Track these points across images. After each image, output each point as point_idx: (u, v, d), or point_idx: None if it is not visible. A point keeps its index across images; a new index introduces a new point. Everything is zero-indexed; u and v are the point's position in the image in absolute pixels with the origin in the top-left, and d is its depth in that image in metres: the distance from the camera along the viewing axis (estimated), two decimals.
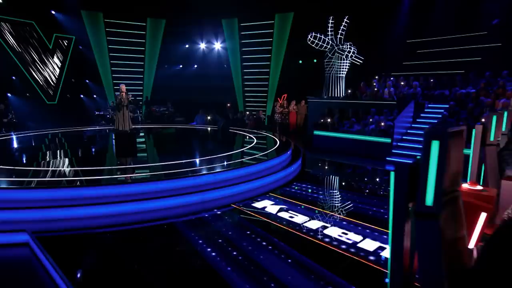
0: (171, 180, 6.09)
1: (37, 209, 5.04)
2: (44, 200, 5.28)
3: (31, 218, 5.00)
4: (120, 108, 9.84)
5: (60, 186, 5.44)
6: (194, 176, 6.32)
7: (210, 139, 11.77)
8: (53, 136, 11.89)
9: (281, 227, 4.97)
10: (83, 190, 5.51)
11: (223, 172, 6.70)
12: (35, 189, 5.35)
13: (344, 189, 7.07)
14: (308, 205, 5.97)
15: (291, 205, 5.93)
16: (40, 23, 15.56)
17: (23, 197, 5.30)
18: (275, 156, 8.09)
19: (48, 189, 5.39)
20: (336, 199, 6.38)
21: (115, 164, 7.76)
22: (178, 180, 6.13)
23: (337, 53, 13.80)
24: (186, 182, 6.19)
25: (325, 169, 9.65)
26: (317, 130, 12.68)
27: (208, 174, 6.47)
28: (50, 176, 6.19)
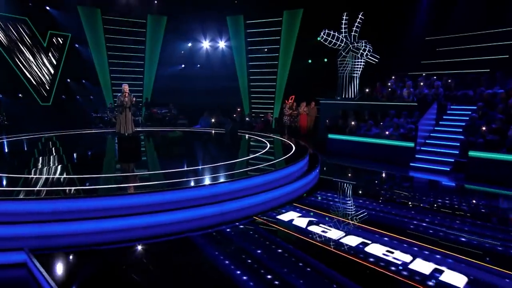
0: (185, 189, 5.62)
1: (35, 223, 4.56)
2: (43, 213, 4.81)
3: (29, 234, 4.52)
4: (123, 110, 9.40)
5: (61, 197, 4.96)
6: (211, 185, 5.86)
7: (219, 143, 11.32)
8: (47, 140, 11.41)
9: (315, 243, 4.51)
10: (87, 201, 5.03)
11: (241, 180, 6.24)
12: (32, 201, 4.87)
13: (375, 199, 6.62)
14: (339, 217, 5.52)
15: (320, 217, 5.48)
16: (34, 20, 15.18)
17: (18, 210, 4.82)
18: (294, 162, 7.64)
19: (47, 200, 4.91)
20: (369, 210, 5.93)
21: (120, 172, 7.29)
22: (193, 189, 5.67)
23: (351, 52, 13.43)
24: (201, 191, 5.73)
25: (347, 175, 9.19)
26: (331, 133, 12.26)
27: (226, 182, 6.01)
28: (47, 186, 5.72)
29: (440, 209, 6.08)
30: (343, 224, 5.23)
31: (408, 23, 13.38)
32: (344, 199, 6.58)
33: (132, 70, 17.65)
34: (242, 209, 5.83)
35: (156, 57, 17.98)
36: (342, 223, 5.27)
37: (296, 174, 7.61)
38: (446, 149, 9.62)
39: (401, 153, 10.07)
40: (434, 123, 10.84)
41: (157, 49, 17.94)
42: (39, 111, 15.34)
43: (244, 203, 5.90)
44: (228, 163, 7.75)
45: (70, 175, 6.52)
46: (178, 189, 5.60)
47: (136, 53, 17.69)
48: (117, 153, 8.46)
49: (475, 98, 10.83)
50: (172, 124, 15.92)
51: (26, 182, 5.87)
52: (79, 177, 6.37)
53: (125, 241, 4.64)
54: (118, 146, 8.54)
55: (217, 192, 5.88)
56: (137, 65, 17.83)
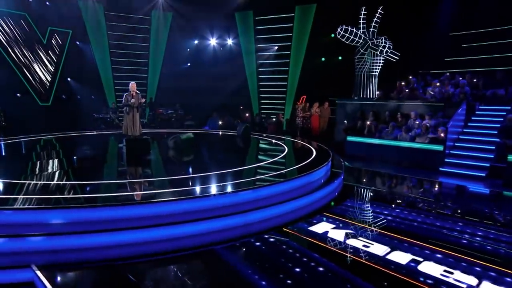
0: (205, 198, 5.23)
1: (44, 236, 4.18)
2: (53, 224, 4.44)
3: (37, 248, 4.15)
4: (130, 110, 9.05)
5: (71, 206, 4.58)
6: (233, 192, 5.47)
7: (233, 146, 10.96)
8: (47, 142, 11.08)
9: (360, 261, 4.11)
10: (100, 211, 4.65)
11: (266, 187, 5.85)
12: (40, 210, 4.49)
13: (413, 208, 6.21)
14: (378, 229, 5.11)
15: (357, 229, 5.08)
16: (33, 15, 14.85)
17: (25, 220, 4.45)
18: (319, 167, 7.24)
19: (56, 210, 4.53)
20: (410, 221, 5.52)
21: (129, 177, 6.92)
22: (214, 198, 5.28)
23: (370, 49, 13.06)
24: (223, 200, 5.34)
25: (374, 182, 8.76)
26: (350, 135, 11.88)
27: (249, 189, 5.62)
28: (52, 193, 5.35)
29: (493, 221, 5.67)
30: (385, 237, 4.82)
31: (431, 17, 12.96)
32: (378, 208, 6.18)
33: (136, 69, 17.32)
34: (268, 219, 5.44)
35: (161, 55, 17.66)
36: (383, 236, 4.86)
37: (321, 180, 7.23)
38: (479, 153, 9.20)
39: (429, 157, 9.66)
40: (463, 124, 10.43)
41: (162, 46, 17.62)
42: (38, 111, 15.01)
43: (270, 213, 5.51)
44: (247, 168, 7.38)
45: (76, 181, 6.14)
46: (198, 197, 5.21)
47: (140, 51, 17.36)
48: (125, 157, 8.08)
49: (507, 97, 10.42)
50: (178, 125, 15.56)
51: (28, 190, 5.50)
52: (86, 183, 6.00)
53: (143, 255, 4.27)
54: (126, 150, 8.16)
55: (240, 201, 5.50)
56: (141, 63, 17.51)
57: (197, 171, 7.15)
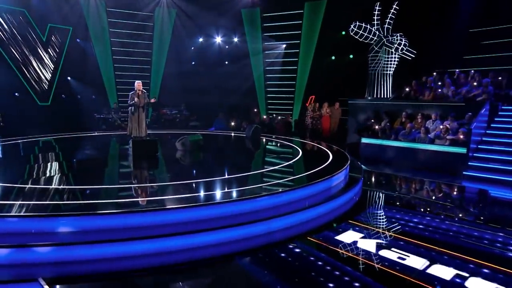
0: (224, 204, 4.97)
1: (52, 246, 3.93)
2: (61, 233, 4.18)
3: (45, 260, 3.89)
4: (135, 110, 8.83)
5: (81, 213, 4.32)
6: (255, 198, 5.21)
7: (243, 148, 10.72)
8: (48, 144, 10.85)
9: (399, 275, 3.84)
10: (113, 218, 4.39)
11: (287, 192, 5.58)
12: (48, 218, 4.23)
13: (447, 217, 5.94)
14: (411, 239, 4.84)
15: (388, 239, 4.81)
16: (32, 12, 14.60)
17: (31, 229, 4.19)
18: (338, 171, 6.98)
19: (65, 217, 4.27)
20: (444, 231, 5.24)
21: (139, 182, 6.66)
22: (233, 203, 5.02)
23: (384, 46, 12.81)
24: (244, 206, 5.08)
25: (396, 186, 8.46)
26: (365, 137, 11.61)
27: (271, 195, 5.36)
28: (59, 199, 5.10)
29: None
30: (420, 248, 4.55)
31: (449, 13, 12.67)
32: (407, 216, 5.90)
33: (139, 68, 17.07)
34: (290, 227, 5.18)
35: (164, 54, 17.42)
36: (418, 247, 4.59)
37: (341, 185, 6.97)
38: (506, 156, 8.92)
39: (450, 160, 9.37)
40: (486, 125, 10.15)
41: (165, 44, 17.38)
42: (37, 111, 14.76)
43: (292, 220, 5.25)
44: (263, 171, 7.11)
45: (82, 186, 5.89)
46: (216, 204, 4.95)
47: (143, 49, 17.13)
48: (131, 160, 7.81)
49: None
50: (183, 126, 15.31)
51: (32, 195, 5.25)
52: (94, 188, 5.75)
53: (158, 267, 4.02)
54: (132, 152, 7.91)
55: (261, 207, 5.24)
56: (144, 62, 17.28)
57: (210, 175, 6.89)
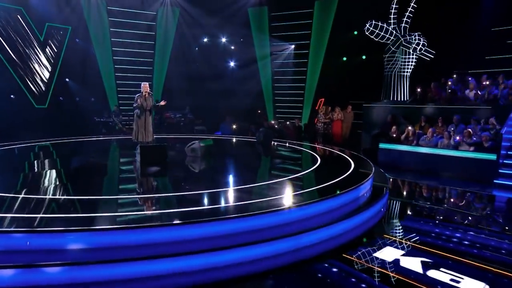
0: (250, 217, 4.58)
1: (64, 266, 3.54)
2: (75, 251, 3.79)
3: (56, 281, 3.50)
4: (141, 113, 8.50)
5: (99, 228, 3.93)
6: (282, 210, 4.82)
7: (256, 153, 10.37)
8: (46, 149, 10.48)
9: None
10: (129, 234, 4.01)
11: (315, 203, 5.20)
12: (59, 233, 3.84)
13: (493, 232, 5.55)
14: (459, 257, 4.45)
15: (433, 256, 4.42)
16: (30, 10, 14.31)
17: (40, 246, 3.80)
18: (365, 180, 6.60)
19: (79, 232, 3.88)
20: (497, 249, 4.85)
21: (144, 192, 6.29)
22: (258, 217, 4.64)
23: (402, 47, 12.51)
24: (269, 219, 4.70)
25: (426, 196, 8.06)
26: (383, 142, 11.26)
27: (299, 206, 4.98)
28: (69, 211, 4.72)
29: None
30: (472, 268, 4.17)
31: (469, 11, 12.35)
32: (447, 230, 5.51)
33: (141, 69, 16.77)
34: (320, 243, 4.80)
35: (167, 54, 17.10)
36: (470, 267, 4.20)
37: (367, 194, 6.60)
38: None
39: (479, 167, 8.99)
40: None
41: (168, 45, 17.08)
42: (34, 114, 14.41)
43: (323, 235, 4.87)
44: (283, 180, 6.73)
45: (90, 196, 5.51)
46: (240, 217, 4.56)
47: (145, 49, 16.82)
48: (138, 168, 7.43)
49: None
50: (188, 130, 14.96)
51: (36, 207, 4.86)
52: (106, 199, 5.37)
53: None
54: (140, 158, 7.52)
55: (288, 220, 4.86)
56: (146, 63, 16.96)
57: (227, 183, 6.51)
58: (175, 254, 3.94)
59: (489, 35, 12.09)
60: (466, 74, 12.35)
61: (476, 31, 12.17)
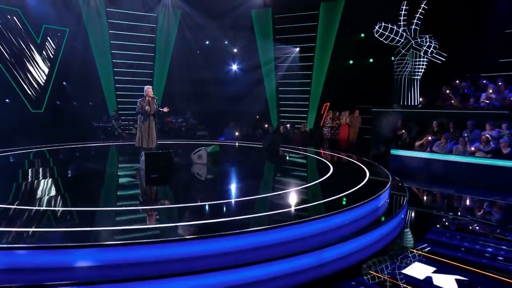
0: (268, 231, 4.35)
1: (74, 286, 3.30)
2: (69, 269, 3.55)
3: None
4: (145, 118, 8.32)
5: (105, 244, 3.69)
6: (301, 223, 4.59)
7: (264, 160, 10.17)
8: (41, 156, 10.24)
9: None
10: (137, 250, 3.77)
11: (337, 215, 4.97)
12: (67, 249, 3.60)
13: None
14: (496, 274, 4.22)
15: (467, 274, 4.19)
16: (26, 11, 14.16)
17: (46, 264, 3.55)
18: (384, 189, 6.39)
19: (92, 248, 3.63)
20: None
21: (153, 203, 6.05)
22: (280, 230, 4.40)
23: (412, 49, 12.35)
24: (290, 232, 4.46)
25: (451, 206, 7.79)
26: (394, 148, 11.07)
27: (322, 218, 4.74)
28: (72, 225, 4.48)
29: None
30: None
31: (482, 12, 12.20)
32: (476, 244, 5.27)
33: (140, 72, 16.59)
34: (344, 257, 4.57)
35: (168, 57, 16.96)
36: (507, 285, 3.98)
37: (386, 205, 6.39)
38: None
39: (497, 175, 8.78)
40: None
41: (169, 47, 16.93)
42: (30, 119, 14.21)
43: (345, 249, 4.63)
44: (297, 189, 6.51)
45: (97, 207, 5.27)
46: (258, 231, 4.32)
47: (145, 52, 16.66)
48: (143, 176, 7.19)
49: None
50: (190, 136, 14.76)
51: (41, 220, 4.62)
52: (114, 210, 5.13)
53: None
54: (145, 165, 7.28)
55: (309, 233, 4.63)
56: (146, 66, 16.79)
57: (239, 193, 6.28)
58: (191, 272, 3.71)
59: (502, 37, 11.95)
60: (478, 78, 12.21)
61: (489, 33, 12.03)
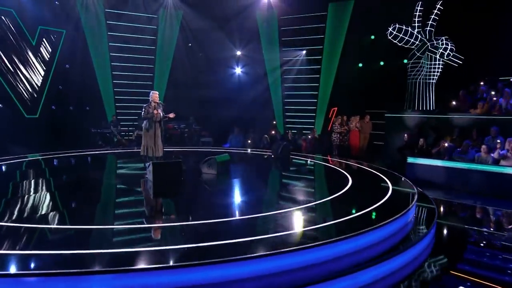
0: (294, 252, 4.03)
1: None
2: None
3: None
4: (151, 125, 8.07)
5: (124, 269, 3.37)
6: (331, 242, 4.27)
7: (277, 170, 9.88)
8: (37, 166, 9.92)
9: None
10: (157, 275, 3.45)
11: (367, 233, 4.65)
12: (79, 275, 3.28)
13: None
14: None
15: None
16: (21, 12, 13.90)
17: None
18: (412, 203, 6.09)
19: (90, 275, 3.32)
20: None
21: (167, 219, 5.73)
22: (308, 251, 4.08)
23: (428, 52, 12.16)
24: (319, 253, 4.15)
25: (483, 220, 7.48)
26: (411, 156, 10.79)
27: (352, 237, 4.43)
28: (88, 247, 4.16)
29: None
30: None
31: (500, 12, 12.01)
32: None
33: (140, 76, 16.36)
34: (379, 281, 4.26)
35: (169, 60, 16.69)
36: None
37: (412, 221, 6.09)
38: None
39: None
40: None
41: (170, 50, 16.69)
42: (24, 124, 13.90)
43: (381, 271, 4.33)
44: (318, 203, 6.21)
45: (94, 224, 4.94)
46: (286, 252, 4.01)
47: (145, 55, 16.43)
48: (151, 188, 6.86)
49: None
50: (193, 142, 14.49)
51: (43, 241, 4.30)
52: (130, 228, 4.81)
53: None
54: (153, 177, 6.94)
55: (339, 254, 4.32)
56: (146, 69, 16.54)
57: (256, 209, 5.96)
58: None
59: None
60: (496, 81, 12.00)
61: (508, 34, 11.83)
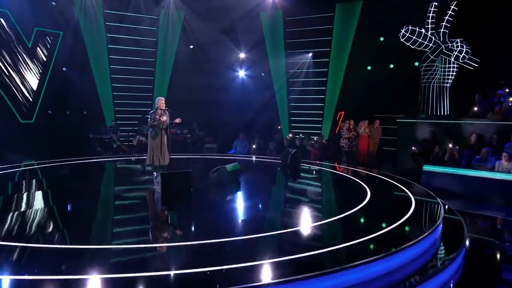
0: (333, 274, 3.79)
1: None
2: None
3: None
4: (157, 132, 7.85)
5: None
6: (369, 263, 4.03)
7: (290, 179, 9.67)
8: (33, 175, 9.72)
9: None
10: None
11: (398, 253, 4.41)
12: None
13: None
14: None
15: None
16: (16, 13, 13.73)
17: None
18: (439, 217, 5.88)
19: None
20: None
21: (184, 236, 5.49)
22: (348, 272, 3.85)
23: (442, 55, 12.00)
24: (369, 270, 3.92)
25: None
26: (427, 164, 10.60)
27: (389, 255, 4.19)
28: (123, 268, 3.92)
29: None
30: None
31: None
32: None
33: (140, 79, 16.19)
34: None
35: (170, 62, 16.48)
36: None
37: None
38: None
39: None
40: None
41: (171, 52, 16.49)
42: (19, 130, 13.67)
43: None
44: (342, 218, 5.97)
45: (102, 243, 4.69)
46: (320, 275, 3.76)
47: (145, 57, 16.25)
48: (159, 201, 6.62)
49: None
50: (197, 149, 14.29)
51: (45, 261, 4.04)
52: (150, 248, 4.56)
53: None
54: (160, 188, 6.69)
55: (374, 275, 4.08)
56: (146, 72, 16.38)
57: (278, 223, 5.72)
58: None
59: None
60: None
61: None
